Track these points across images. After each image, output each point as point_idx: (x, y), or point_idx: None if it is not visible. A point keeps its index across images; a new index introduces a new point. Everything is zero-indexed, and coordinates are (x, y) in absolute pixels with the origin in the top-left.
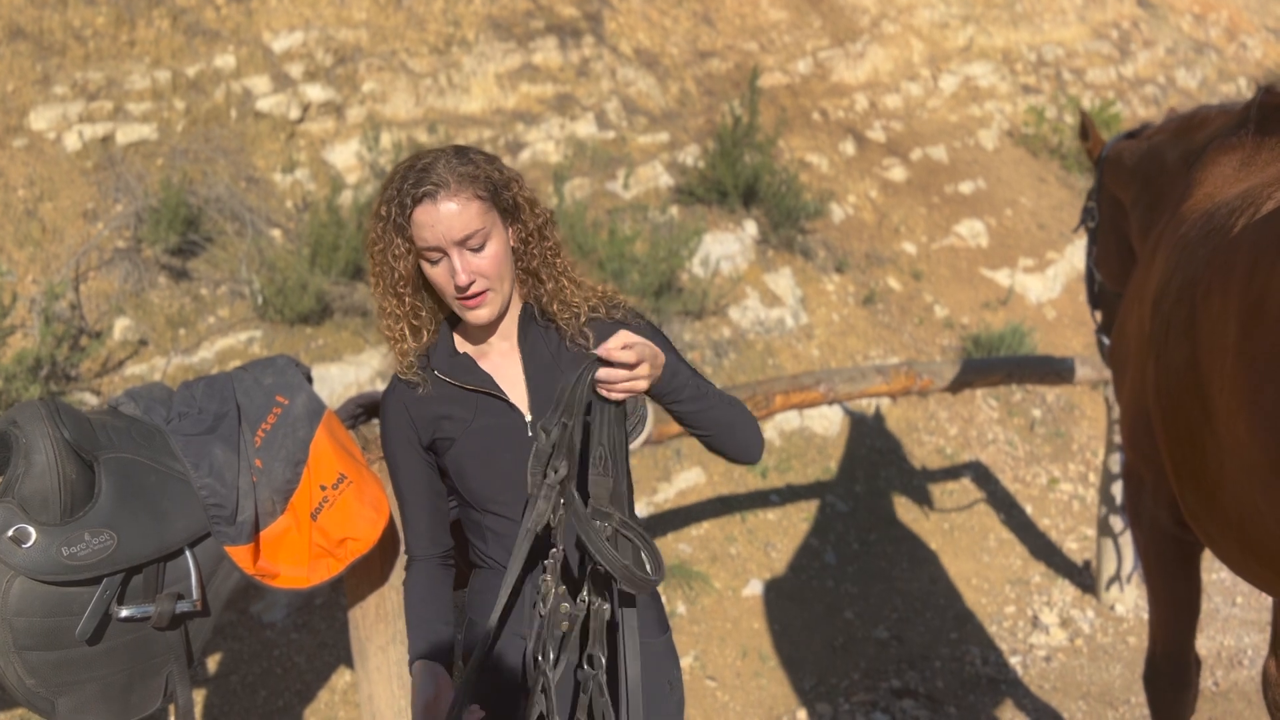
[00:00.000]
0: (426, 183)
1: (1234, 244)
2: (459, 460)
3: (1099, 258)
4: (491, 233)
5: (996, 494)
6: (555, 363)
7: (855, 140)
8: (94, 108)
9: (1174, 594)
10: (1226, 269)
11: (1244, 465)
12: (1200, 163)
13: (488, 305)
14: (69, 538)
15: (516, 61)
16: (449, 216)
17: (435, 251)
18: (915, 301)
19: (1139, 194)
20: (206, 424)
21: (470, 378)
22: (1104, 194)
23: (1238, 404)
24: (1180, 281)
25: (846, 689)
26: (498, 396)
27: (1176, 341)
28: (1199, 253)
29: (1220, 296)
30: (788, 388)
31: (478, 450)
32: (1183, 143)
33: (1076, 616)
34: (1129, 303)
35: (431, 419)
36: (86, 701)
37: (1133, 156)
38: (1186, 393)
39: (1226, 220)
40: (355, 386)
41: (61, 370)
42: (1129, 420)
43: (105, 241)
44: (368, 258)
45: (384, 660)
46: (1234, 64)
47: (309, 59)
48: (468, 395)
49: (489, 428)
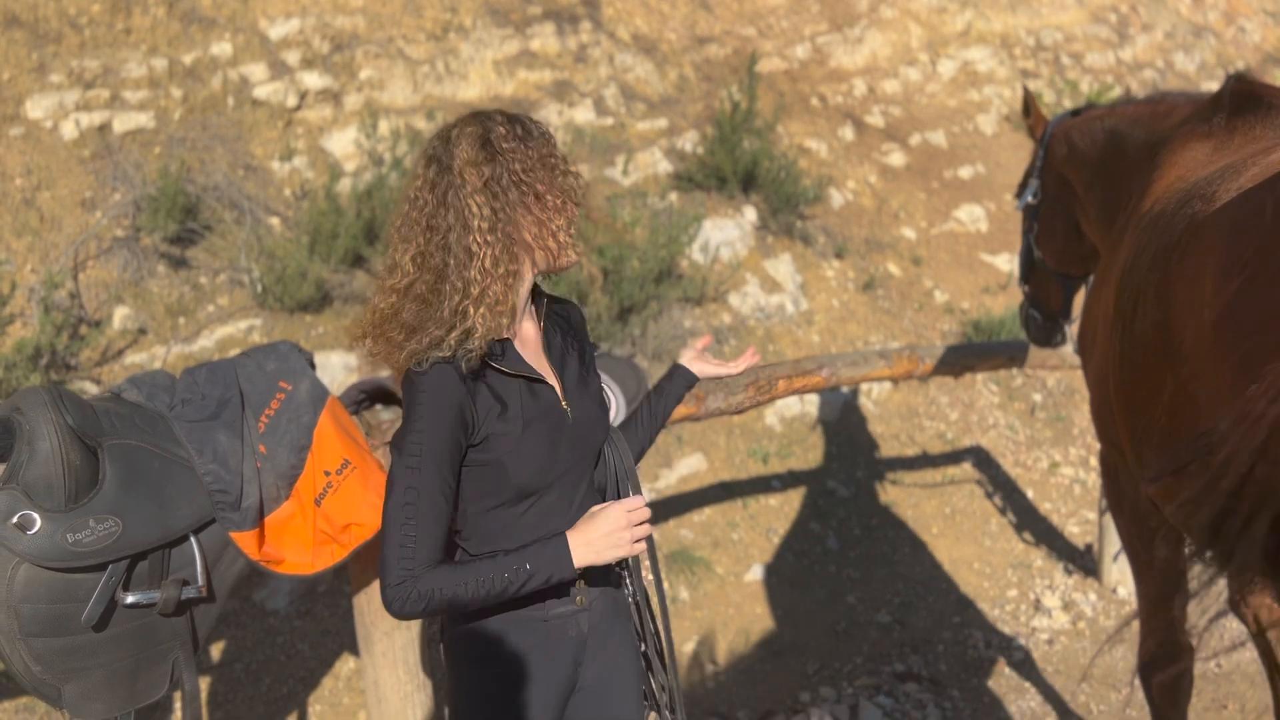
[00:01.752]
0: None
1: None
2: (516, 453)
3: (1040, 235)
4: None
5: (997, 478)
6: (567, 345)
7: (854, 126)
8: (90, 96)
9: (1160, 578)
10: (1210, 228)
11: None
12: (1169, 148)
13: None
14: (74, 524)
15: (514, 48)
16: None
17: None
18: (915, 287)
19: (1094, 178)
20: (210, 410)
21: (517, 364)
22: (1048, 173)
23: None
24: (1155, 250)
25: (849, 673)
26: (540, 380)
27: (1147, 308)
28: (1175, 223)
29: (1198, 256)
30: (790, 372)
31: (537, 438)
32: (1145, 129)
33: (1079, 599)
34: (1096, 288)
35: (488, 408)
36: (92, 688)
37: (1085, 138)
38: (1152, 354)
39: (1206, 189)
40: (355, 374)
41: (61, 359)
42: (1096, 405)
43: (104, 230)
44: (483, 217)
45: (389, 646)
46: (1232, 48)
47: (306, 46)
48: (511, 383)
49: (543, 416)
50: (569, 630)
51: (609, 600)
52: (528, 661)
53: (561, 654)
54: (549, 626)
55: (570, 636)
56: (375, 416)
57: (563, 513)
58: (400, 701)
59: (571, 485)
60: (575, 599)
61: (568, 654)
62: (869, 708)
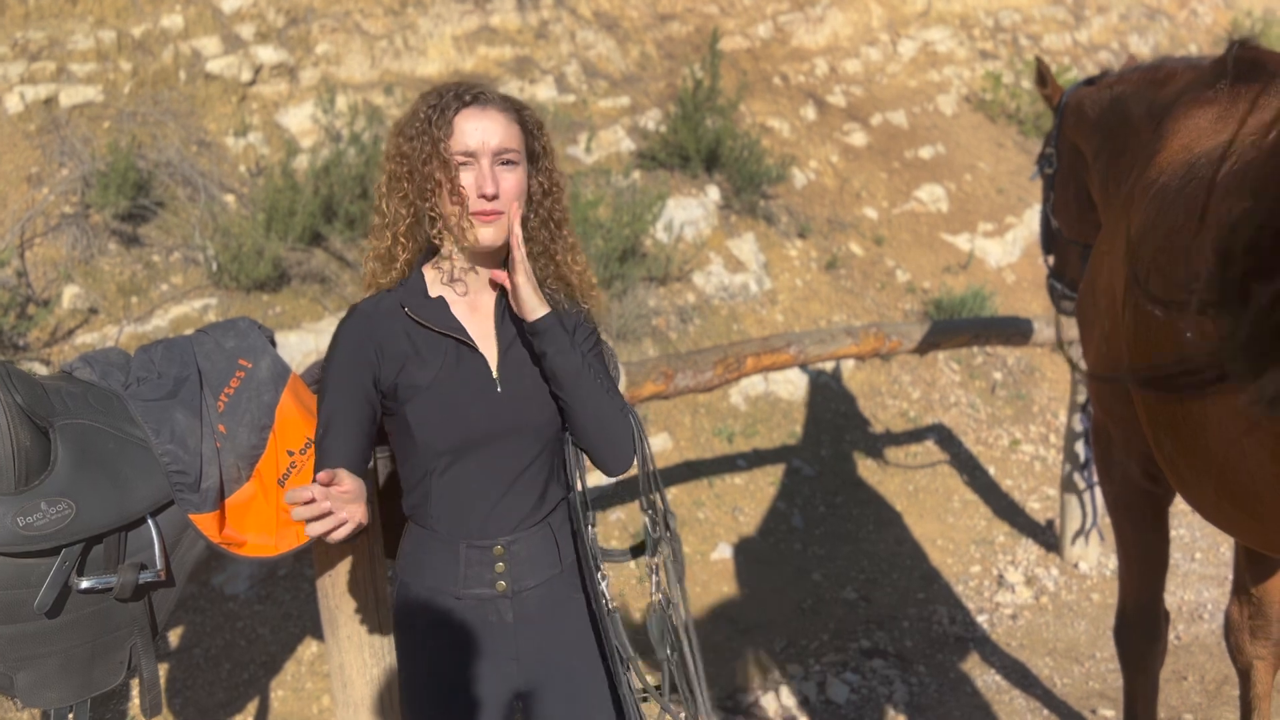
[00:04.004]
0: (475, 92)
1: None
2: (423, 407)
3: (1056, 205)
4: (520, 161)
5: (959, 456)
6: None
7: (816, 105)
8: (36, 68)
9: (1143, 547)
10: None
11: (1231, 408)
12: (1172, 116)
13: (495, 226)
14: (24, 507)
15: (474, 23)
16: (493, 124)
17: (468, 156)
18: (877, 266)
19: (1101, 145)
20: (166, 389)
21: (443, 321)
22: (1063, 141)
23: None
24: (1164, 230)
25: (816, 650)
26: (468, 345)
27: (1158, 289)
28: (1179, 201)
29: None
30: (759, 350)
31: (444, 398)
32: (1148, 96)
33: (1041, 575)
34: (1097, 258)
35: (398, 356)
36: (47, 676)
37: (1094, 106)
38: (1164, 337)
39: (1206, 170)
40: (315, 354)
41: (8, 339)
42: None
43: (51, 207)
44: (382, 167)
45: (355, 629)
46: (1185, 30)
47: (260, 20)
48: (436, 340)
49: (458, 377)
50: (488, 615)
51: (550, 596)
52: (445, 635)
53: (484, 639)
54: (464, 605)
55: (491, 622)
56: None
57: (484, 488)
58: (366, 685)
59: (496, 460)
60: (495, 584)
61: (491, 640)
62: (836, 684)
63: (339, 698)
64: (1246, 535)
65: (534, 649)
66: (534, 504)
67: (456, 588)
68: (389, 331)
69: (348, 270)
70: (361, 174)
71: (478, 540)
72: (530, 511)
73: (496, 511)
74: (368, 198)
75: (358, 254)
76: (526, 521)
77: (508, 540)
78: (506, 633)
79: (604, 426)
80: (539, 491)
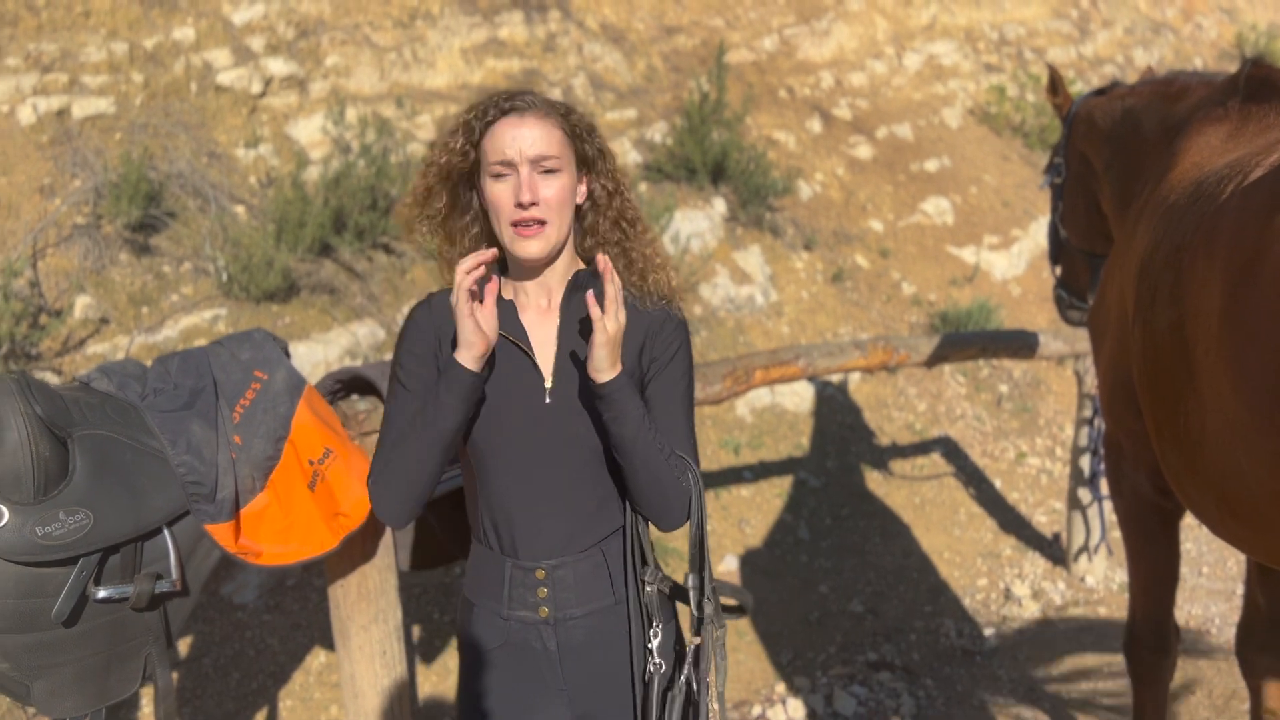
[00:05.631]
0: (516, 100)
1: (1221, 209)
2: None
3: (1065, 214)
4: (564, 168)
5: (966, 468)
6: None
7: (822, 118)
8: (48, 80)
9: (1154, 561)
10: (1213, 233)
11: (1227, 424)
12: (1185, 133)
13: (540, 239)
14: (43, 517)
15: (482, 36)
16: (531, 132)
17: (506, 166)
18: (883, 279)
19: (1112, 159)
20: (183, 400)
21: (506, 325)
22: (1072, 151)
23: (1222, 364)
24: (1168, 247)
25: (823, 662)
26: (524, 351)
27: (1163, 306)
28: (1186, 219)
29: (1205, 260)
30: (767, 362)
31: (491, 398)
32: (1160, 111)
33: (1048, 588)
34: (1109, 272)
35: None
36: (63, 685)
37: (1105, 118)
38: (1172, 355)
39: (1215, 188)
40: (324, 365)
41: (21, 349)
42: (1107, 388)
43: (63, 217)
44: (421, 171)
45: (366, 640)
46: (1189, 44)
47: (270, 32)
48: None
49: (507, 381)
50: (531, 641)
51: (600, 629)
52: (497, 658)
53: (531, 665)
54: (508, 626)
55: (535, 648)
56: (351, 406)
57: (528, 502)
58: (376, 695)
59: (541, 473)
60: (538, 609)
61: (537, 667)
62: (843, 697)
63: (350, 708)
64: (1252, 549)
65: (583, 683)
66: (582, 526)
67: (503, 608)
68: (451, 325)
69: (357, 281)
70: (371, 185)
71: (523, 560)
72: (577, 534)
73: (541, 530)
74: (377, 209)
75: (367, 265)
76: (574, 545)
77: (552, 564)
78: (551, 661)
79: (661, 491)
80: (588, 513)
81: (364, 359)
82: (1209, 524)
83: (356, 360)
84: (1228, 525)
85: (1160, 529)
